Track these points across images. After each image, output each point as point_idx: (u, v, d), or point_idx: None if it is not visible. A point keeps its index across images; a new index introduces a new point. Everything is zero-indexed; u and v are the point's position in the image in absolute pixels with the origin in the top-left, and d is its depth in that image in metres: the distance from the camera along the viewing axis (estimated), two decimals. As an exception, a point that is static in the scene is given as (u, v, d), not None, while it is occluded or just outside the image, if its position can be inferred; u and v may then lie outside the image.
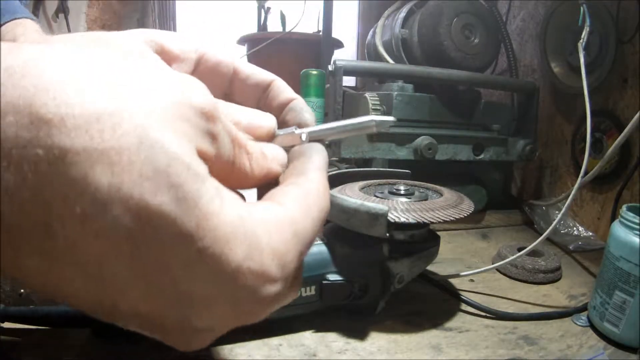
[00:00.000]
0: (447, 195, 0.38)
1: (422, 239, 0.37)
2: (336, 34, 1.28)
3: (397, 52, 0.78)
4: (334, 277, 0.32)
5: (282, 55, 1.28)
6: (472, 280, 0.45)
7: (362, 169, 0.47)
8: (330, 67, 0.63)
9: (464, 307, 0.38)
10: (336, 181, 0.42)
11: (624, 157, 0.58)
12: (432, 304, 0.39)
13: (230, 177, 0.16)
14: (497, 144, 0.68)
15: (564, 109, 0.72)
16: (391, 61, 0.78)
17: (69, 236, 0.11)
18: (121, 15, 1.23)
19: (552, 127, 0.75)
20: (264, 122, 0.19)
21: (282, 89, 0.23)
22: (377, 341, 0.32)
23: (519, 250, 0.47)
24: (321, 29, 1.24)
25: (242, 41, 1.40)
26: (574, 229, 0.62)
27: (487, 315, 0.37)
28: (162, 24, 1.37)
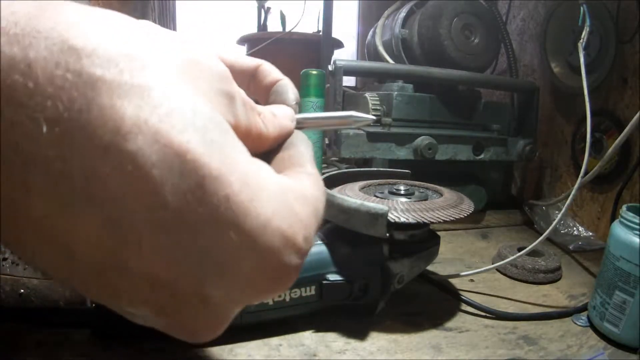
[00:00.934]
0: (447, 195, 0.38)
1: (422, 239, 0.37)
2: (336, 34, 1.28)
3: (397, 52, 0.78)
4: (334, 277, 0.32)
5: (282, 55, 1.28)
6: (472, 280, 0.44)
7: (362, 169, 0.47)
8: (330, 67, 0.63)
9: (464, 307, 0.38)
10: (336, 181, 0.42)
11: (624, 157, 0.58)
12: (432, 304, 0.39)
13: (247, 139, 0.15)
14: (497, 144, 0.68)
15: (564, 109, 0.72)
16: (391, 61, 0.78)
17: (87, 169, 0.10)
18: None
19: (552, 127, 0.74)
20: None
21: (269, 72, 0.22)
22: (377, 341, 0.32)
23: (519, 250, 0.47)
24: (321, 29, 1.24)
25: (242, 41, 1.40)
26: (574, 229, 0.62)
27: (487, 315, 0.37)
28: (162, 24, 1.37)
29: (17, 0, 0.11)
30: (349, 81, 1.39)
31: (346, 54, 1.49)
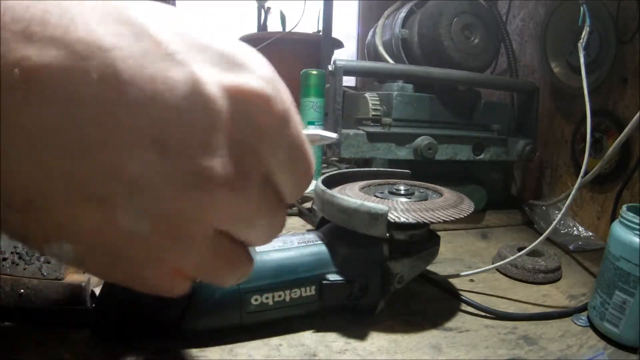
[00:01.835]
0: (447, 195, 0.38)
1: (422, 239, 0.37)
2: (336, 34, 1.28)
3: (397, 52, 0.78)
4: (334, 277, 0.32)
5: (282, 55, 1.28)
6: (472, 280, 0.44)
7: (362, 169, 0.47)
8: (330, 67, 0.63)
9: (464, 307, 0.38)
10: (336, 181, 0.42)
11: (624, 157, 0.58)
12: (432, 304, 0.39)
13: None
14: (497, 144, 0.68)
15: (564, 109, 0.72)
16: (391, 61, 0.78)
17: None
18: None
19: (552, 127, 0.74)
20: None
21: None
22: (377, 341, 0.32)
23: (519, 250, 0.47)
24: (321, 29, 1.24)
25: (242, 41, 1.40)
26: (574, 229, 0.62)
27: (487, 315, 0.37)
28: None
29: None
30: (349, 81, 1.39)
31: (346, 54, 1.49)
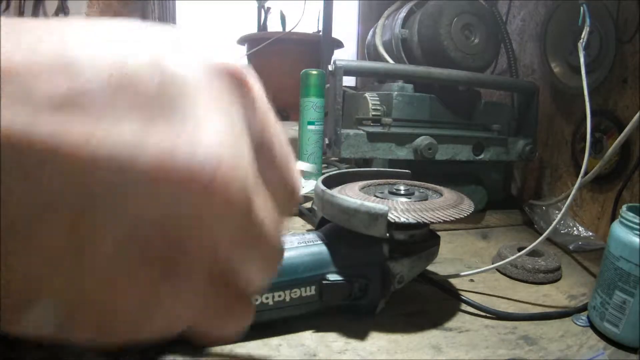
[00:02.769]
0: (447, 195, 0.38)
1: (422, 239, 0.37)
2: (336, 34, 1.28)
3: (397, 52, 0.78)
4: (334, 277, 0.32)
5: (282, 55, 1.28)
6: (472, 280, 0.44)
7: (362, 169, 0.47)
8: (330, 67, 0.63)
9: (464, 307, 0.38)
10: (336, 181, 0.42)
11: (624, 157, 0.58)
12: (432, 304, 0.39)
13: None
14: (497, 144, 0.68)
15: (564, 109, 0.72)
16: (391, 61, 0.78)
17: None
18: (121, 15, 1.23)
19: (552, 127, 0.74)
20: None
21: None
22: (377, 341, 0.32)
23: (519, 250, 0.47)
24: (321, 29, 1.24)
25: (242, 41, 1.40)
26: (574, 229, 0.62)
27: (487, 315, 0.37)
28: (162, 24, 1.37)
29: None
30: (349, 81, 1.39)
31: (346, 54, 1.50)
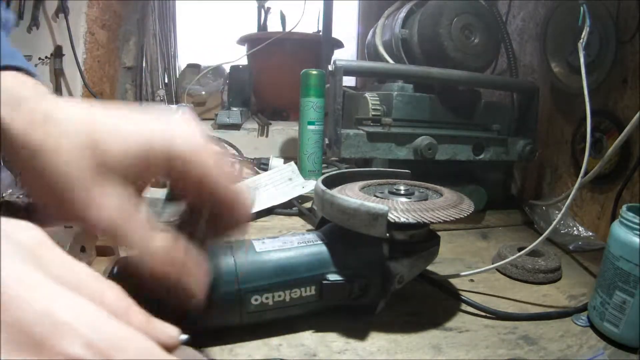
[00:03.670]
0: (447, 195, 0.38)
1: (422, 239, 0.37)
2: (336, 34, 1.28)
3: (397, 52, 0.78)
4: (334, 277, 0.32)
5: (282, 55, 1.28)
6: (472, 280, 0.44)
7: (362, 169, 0.47)
8: (330, 67, 0.63)
9: (464, 307, 0.38)
10: (336, 181, 0.42)
11: (624, 157, 0.58)
12: (432, 304, 0.39)
13: None
14: (497, 144, 0.68)
15: (564, 109, 0.72)
16: (391, 61, 0.78)
17: None
18: (121, 15, 1.23)
19: (552, 127, 0.74)
20: None
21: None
22: (377, 341, 0.32)
23: (519, 250, 0.47)
24: (321, 29, 1.24)
25: (242, 41, 1.40)
26: (574, 229, 0.62)
27: (487, 315, 0.37)
28: (162, 24, 1.37)
29: None
30: (349, 81, 1.39)
31: (346, 54, 1.50)
